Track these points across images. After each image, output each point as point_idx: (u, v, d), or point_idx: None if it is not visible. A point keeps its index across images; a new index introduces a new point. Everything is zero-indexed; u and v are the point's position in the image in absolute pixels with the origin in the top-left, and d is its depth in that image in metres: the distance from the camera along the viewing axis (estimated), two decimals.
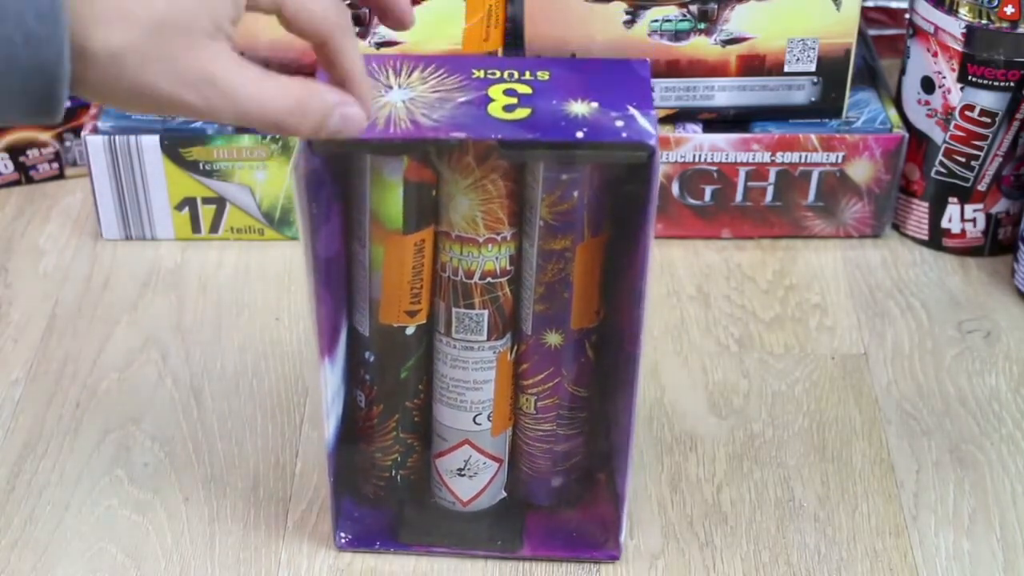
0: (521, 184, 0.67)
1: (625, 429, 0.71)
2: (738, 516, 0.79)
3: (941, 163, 0.96)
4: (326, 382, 0.70)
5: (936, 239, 0.99)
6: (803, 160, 0.96)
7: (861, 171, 0.97)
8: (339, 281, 0.70)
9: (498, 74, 0.66)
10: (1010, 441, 0.84)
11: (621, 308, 0.70)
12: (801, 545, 0.77)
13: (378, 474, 0.76)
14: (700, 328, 0.92)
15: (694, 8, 0.93)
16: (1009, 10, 0.90)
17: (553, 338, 0.71)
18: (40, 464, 0.82)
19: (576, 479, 0.77)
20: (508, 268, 0.69)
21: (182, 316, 0.93)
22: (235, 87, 0.56)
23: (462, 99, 0.65)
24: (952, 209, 0.97)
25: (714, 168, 0.97)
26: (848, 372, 0.89)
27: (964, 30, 0.91)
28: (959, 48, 0.92)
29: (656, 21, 0.93)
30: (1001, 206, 0.97)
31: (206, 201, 0.98)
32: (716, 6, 0.93)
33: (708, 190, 0.98)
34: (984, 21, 0.91)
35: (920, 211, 0.98)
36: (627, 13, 0.93)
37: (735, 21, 0.93)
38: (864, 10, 1.02)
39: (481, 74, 0.66)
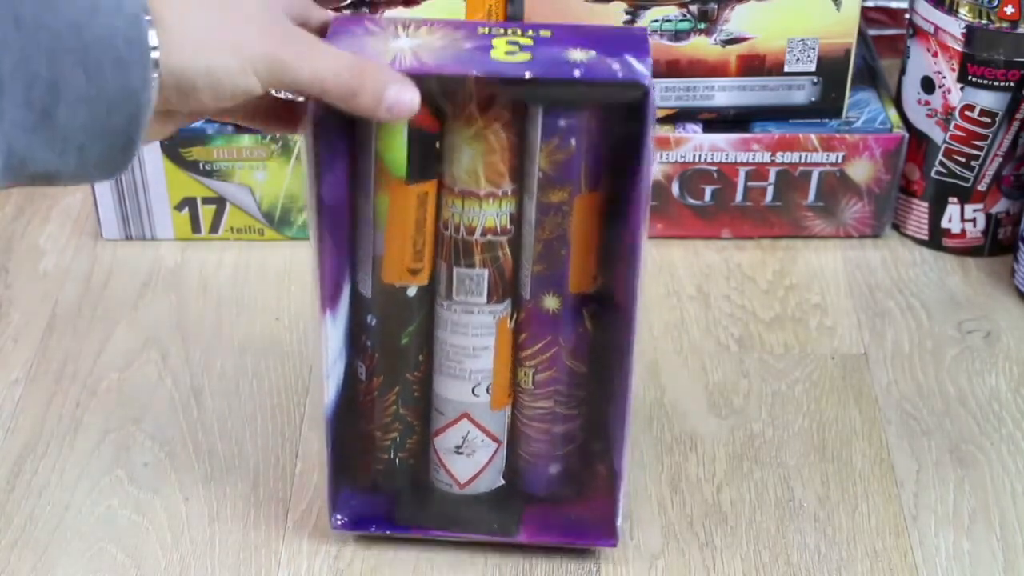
0: (522, 138, 0.67)
1: (622, 403, 0.71)
2: (738, 516, 0.79)
3: (941, 163, 0.96)
4: (327, 338, 0.70)
5: (936, 239, 0.99)
6: (803, 160, 0.96)
7: (861, 171, 0.97)
8: (343, 234, 0.70)
9: (502, 31, 0.67)
10: (1010, 441, 0.84)
11: (618, 275, 0.70)
12: (801, 545, 0.77)
13: (377, 456, 0.76)
14: (700, 328, 0.92)
15: (694, 8, 0.93)
16: (1009, 10, 0.90)
17: (551, 302, 0.70)
18: (40, 464, 0.82)
19: (574, 467, 0.76)
20: (508, 227, 0.69)
21: (182, 316, 0.93)
22: (289, 63, 0.60)
23: (467, 46, 0.66)
24: (952, 209, 0.97)
25: (714, 168, 0.97)
26: (848, 372, 0.89)
27: (964, 30, 0.91)
28: (959, 48, 0.92)
29: (656, 21, 0.93)
30: (1001, 206, 0.97)
31: (206, 201, 0.98)
32: (716, 6, 0.93)
33: (708, 190, 0.98)
34: (984, 21, 0.91)
35: (920, 211, 0.98)
36: (627, 13, 0.93)
37: (735, 21, 0.93)
38: (864, 10, 1.02)
39: (486, 30, 0.67)
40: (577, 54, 0.65)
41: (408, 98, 0.63)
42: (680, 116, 0.97)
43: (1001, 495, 0.80)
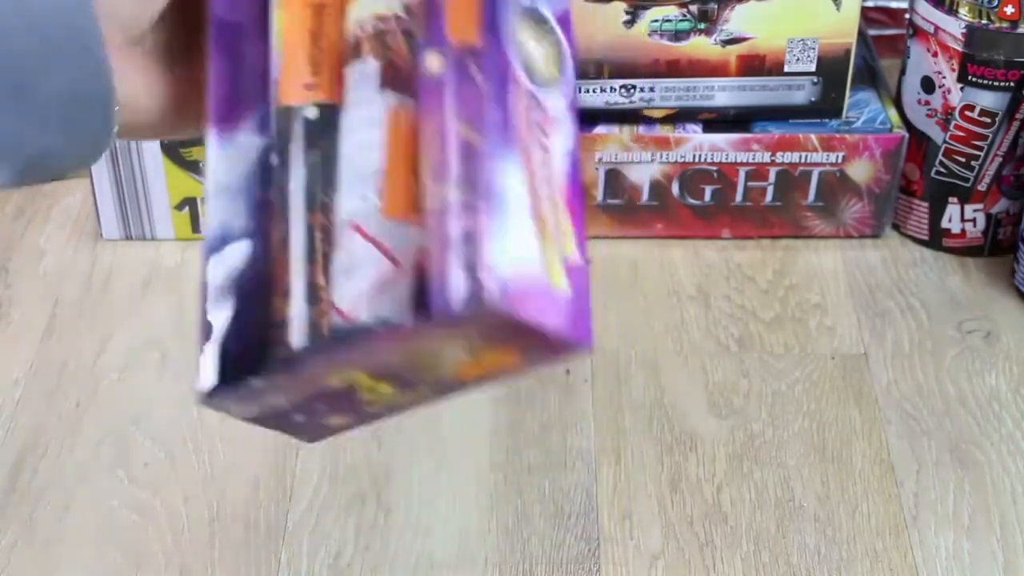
0: None
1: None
2: (738, 516, 0.79)
3: (941, 163, 0.96)
4: (212, 163, 0.63)
5: (936, 239, 0.99)
6: (803, 160, 0.96)
7: (861, 171, 0.97)
8: (244, 57, 0.64)
9: None
10: (1010, 441, 0.84)
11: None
12: (801, 545, 0.77)
13: (273, 318, 0.64)
14: (700, 328, 0.92)
15: (694, 8, 0.93)
16: (1009, 10, 0.90)
17: (433, 61, 0.60)
18: (40, 464, 0.82)
19: None
20: (402, 15, 0.61)
21: (182, 316, 0.93)
22: None
23: None
24: (952, 209, 0.97)
25: (714, 168, 0.97)
26: (848, 372, 0.89)
27: (964, 30, 0.91)
28: (959, 48, 0.92)
29: (656, 21, 0.93)
30: (1001, 206, 0.97)
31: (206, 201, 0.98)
32: (716, 6, 0.93)
33: (708, 190, 0.98)
34: (984, 21, 0.91)
35: (920, 211, 0.98)
36: (627, 13, 0.93)
37: (735, 21, 0.93)
38: (864, 10, 1.02)
39: None
40: None
41: None
42: (680, 116, 0.97)
43: (1001, 495, 0.80)
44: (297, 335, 0.63)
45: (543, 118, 0.62)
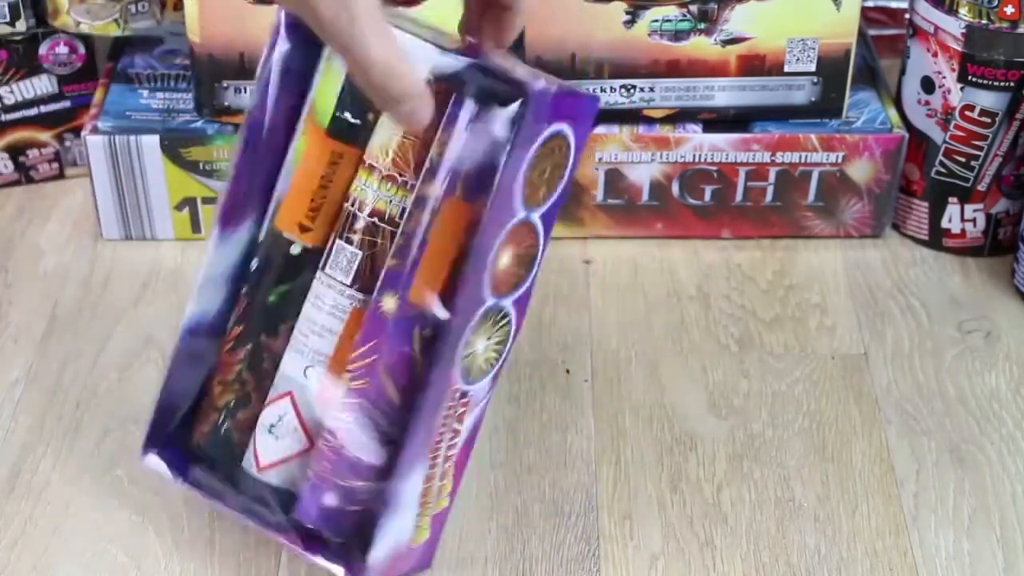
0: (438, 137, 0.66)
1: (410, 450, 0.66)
2: (738, 516, 0.79)
3: (941, 163, 0.96)
4: (208, 259, 0.69)
5: (936, 239, 0.99)
6: (803, 160, 0.96)
7: (861, 171, 0.97)
8: (263, 162, 0.69)
9: None
10: (1010, 441, 0.84)
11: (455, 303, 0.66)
12: (801, 545, 0.77)
13: (209, 414, 0.73)
14: (700, 328, 0.92)
15: (694, 8, 0.93)
16: (1009, 10, 0.90)
17: (389, 302, 0.67)
18: (40, 464, 0.82)
19: (350, 512, 0.70)
20: (397, 220, 0.67)
21: (182, 316, 0.92)
22: (359, 16, 0.59)
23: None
24: (952, 209, 0.97)
25: (714, 168, 0.97)
26: (848, 372, 0.89)
27: (964, 30, 0.91)
28: (959, 48, 0.92)
29: (656, 21, 0.93)
30: (1001, 206, 0.97)
31: (206, 201, 0.98)
32: (716, 6, 0.93)
33: (708, 190, 0.98)
34: (984, 21, 0.91)
35: (920, 211, 0.98)
36: (627, 13, 0.93)
37: (735, 21, 0.93)
38: (864, 10, 1.02)
39: None
40: (520, 70, 0.65)
41: (422, 116, 0.63)
42: (680, 116, 0.96)
43: (1001, 495, 0.80)
44: (212, 439, 0.73)
45: (464, 406, 0.69)
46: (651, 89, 0.95)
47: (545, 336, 0.91)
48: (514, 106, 0.64)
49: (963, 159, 0.95)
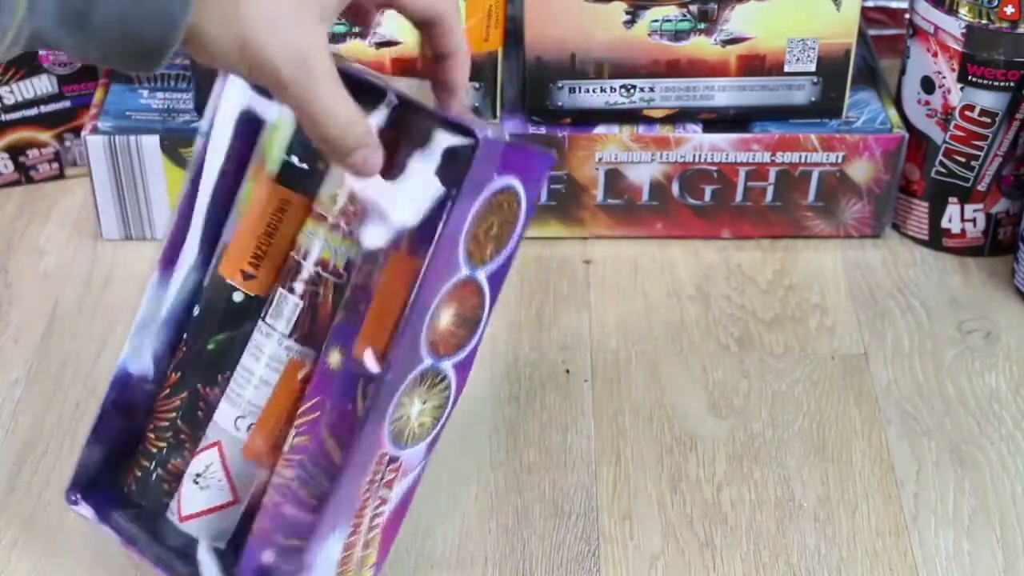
0: None
1: (330, 511, 0.64)
2: (738, 516, 0.79)
3: (941, 163, 0.96)
4: (145, 299, 0.68)
5: (936, 239, 0.99)
6: (803, 160, 0.96)
7: (861, 171, 0.97)
8: (210, 208, 0.69)
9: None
10: (1010, 441, 0.84)
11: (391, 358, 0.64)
12: (801, 545, 0.77)
13: (140, 461, 0.72)
14: (700, 328, 0.92)
15: (694, 8, 0.93)
16: (1009, 10, 0.90)
17: (334, 357, 0.65)
18: (40, 464, 0.82)
19: (285, 569, 0.67)
20: (341, 271, 0.65)
21: None
22: (318, 76, 0.59)
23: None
24: (952, 209, 0.97)
25: (714, 168, 0.97)
26: (848, 372, 0.89)
27: (964, 30, 0.91)
28: (959, 48, 0.92)
29: (656, 21, 0.93)
30: (1001, 206, 0.97)
31: None
32: (716, 6, 0.93)
33: (708, 190, 0.98)
34: (984, 21, 0.91)
35: (920, 211, 0.98)
36: (627, 13, 0.93)
37: (735, 21, 0.93)
38: (864, 10, 1.02)
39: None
40: (470, 119, 0.63)
41: (373, 165, 0.63)
42: (680, 116, 0.96)
43: (1001, 495, 0.80)
44: (142, 487, 0.72)
45: (394, 472, 0.67)
46: (651, 89, 0.95)
47: (545, 336, 0.91)
48: (462, 155, 0.61)
49: (963, 159, 0.95)
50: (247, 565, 0.67)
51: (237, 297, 0.69)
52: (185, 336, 0.70)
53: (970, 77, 0.92)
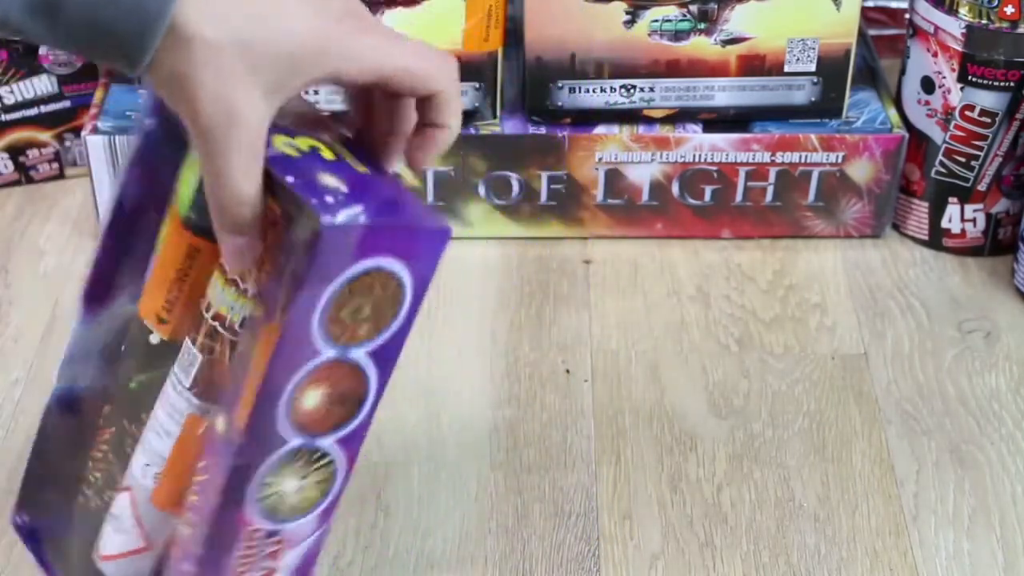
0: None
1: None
2: (738, 516, 0.79)
3: (941, 163, 0.96)
4: (72, 335, 0.67)
5: (936, 239, 0.99)
6: (803, 160, 0.96)
7: (861, 171, 0.97)
8: (130, 243, 0.66)
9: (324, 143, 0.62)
10: (1010, 441, 0.84)
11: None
12: (801, 545, 0.77)
13: (80, 486, 0.71)
14: (700, 328, 0.92)
15: (694, 8, 0.93)
16: (1009, 10, 0.90)
17: (220, 423, 0.63)
18: None
19: None
20: (236, 329, 0.63)
21: None
22: (233, 143, 0.56)
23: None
24: (952, 209, 0.97)
25: (714, 168, 0.97)
26: (848, 372, 0.89)
27: (964, 30, 0.91)
28: (959, 48, 0.92)
29: (656, 21, 0.93)
30: (1001, 206, 0.97)
31: None
32: (716, 6, 0.93)
33: (708, 190, 0.98)
34: (984, 21, 0.91)
35: (920, 211, 0.98)
36: (627, 13, 0.93)
37: (735, 21, 0.93)
38: (864, 10, 1.02)
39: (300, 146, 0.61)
40: (329, 179, 0.59)
41: (244, 260, 0.60)
42: (680, 116, 0.96)
43: (1001, 495, 0.80)
44: (83, 513, 0.71)
45: (277, 545, 0.65)
46: (651, 89, 0.95)
47: (545, 336, 0.91)
48: (309, 242, 0.57)
49: (963, 159, 0.95)
50: None
51: (154, 339, 0.67)
52: (113, 370, 0.69)
53: (970, 77, 0.92)
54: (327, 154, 0.60)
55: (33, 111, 1.02)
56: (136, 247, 0.66)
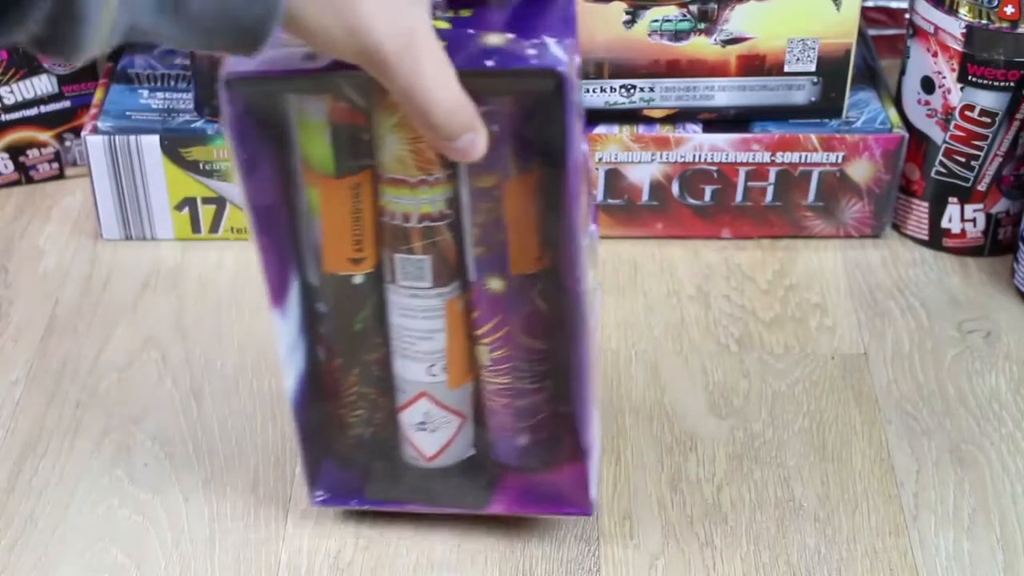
0: None
1: (581, 379, 0.71)
2: (738, 516, 0.79)
3: (941, 163, 0.96)
4: (279, 333, 0.70)
5: (936, 239, 0.99)
6: (803, 160, 0.96)
7: (861, 171, 0.97)
8: (282, 230, 0.70)
9: None
10: (1010, 441, 0.84)
11: (561, 257, 0.69)
12: (801, 545, 0.77)
13: (349, 432, 0.76)
14: (700, 328, 0.92)
15: (694, 8, 0.93)
16: (1009, 10, 0.90)
17: (496, 283, 0.70)
18: (40, 464, 0.82)
19: (544, 438, 0.76)
20: (446, 211, 0.68)
21: (182, 316, 0.93)
22: (424, 59, 0.59)
23: None
24: (952, 209, 0.97)
25: (714, 168, 0.97)
26: (848, 372, 0.89)
27: (964, 30, 0.91)
28: (959, 48, 0.92)
29: (656, 21, 0.93)
30: (1001, 206, 0.97)
31: (206, 201, 0.98)
32: (716, 6, 0.93)
33: (708, 190, 0.98)
34: (984, 21, 0.91)
35: (920, 211, 0.99)
36: (627, 13, 0.93)
37: (735, 21, 0.93)
38: (864, 10, 1.02)
39: None
40: (493, 38, 0.64)
41: (480, 145, 0.63)
42: (680, 116, 0.97)
43: (1001, 495, 0.80)
44: (357, 447, 0.77)
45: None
46: (651, 89, 0.95)
47: None
48: (549, 84, 0.63)
49: (963, 159, 0.95)
50: (507, 451, 0.76)
51: (357, 280, 0.71)
52: (323, 330, 0.73)
53: (970, 77, 0.92)
54: (441, 24, 0.65)
55: (33, 111, 1.02)
56: (281, 233, 0.70)
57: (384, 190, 0.68)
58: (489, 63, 0.63)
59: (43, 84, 1.02)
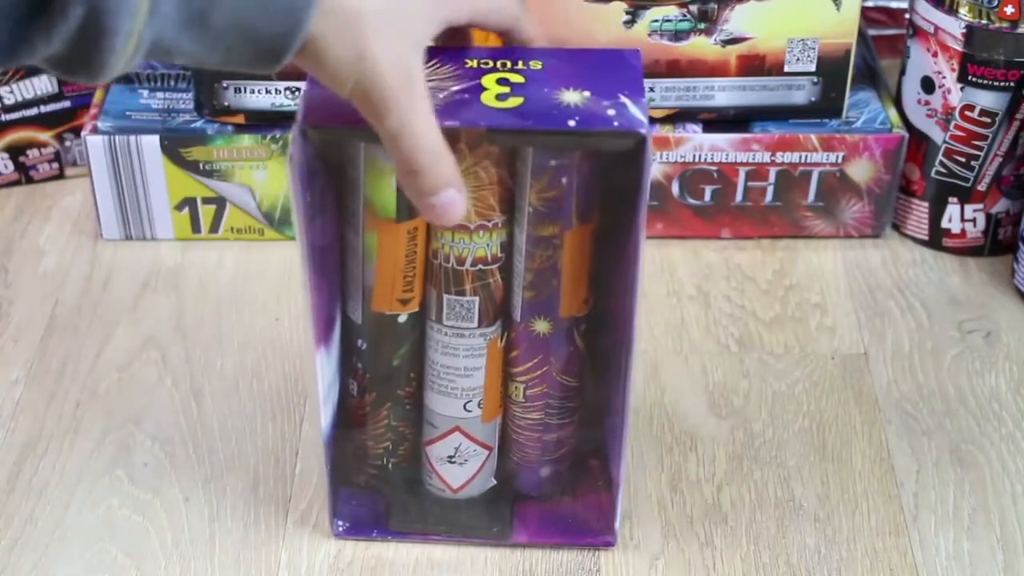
0: (512, 171, 0.68)
1: (620, 417, 0.72)
2: (738, 516, 0.79)
3: (941, 163, 0.96)
4: (321, 372, 0.71)
5: (936, 239, 0.99)
6: (803, 160, 0.96)
7: (861, 171, 0.97)
8: (333, 270, 0.71)
9: (491, 64, 0.67)
10: (1010, 441, 0.84)
11: (613, 298, 0.71)
12: (801, 545, 0.77)
13: (371, 462, 0.77)
14: (700, 328, 0.92)
15: (694, 8, 0.93)
16: (1009, 10, 0.90)
17: (542, 326, 0.71)
18: (40, 464, 0.82)
19: (567, 468, 0.77)
20: (499, 255, 0.69)
21: (182, 316, 0.93)
22: (419, 99, 0.60)
23: (455, 88, 0.65)
24: (952, 209, 0.97)
25: (714, 168, 0.97)
26: (848, 372, 0.89)
27: (964, 30, 0.91)
28: (959, 48, 0.92)
29: (656, 21, 0.93)
30: (1001, 206, 0.97)
31: (206, 201, 0.98)
32: (716, 6, 0.93)
33: (708, 190, 0.98)
34: (984, 21, 0.91)
35: (920, 211, 0.99)
36: (627, 13, 0.93)
37: (735, 21, 0.93)
38: (864, 10, 1.02)
39: (474, 64, 0.67)
40: (571, 96, 0.65)
41: (459, 209, 0.63)
42: (680, 116, 0.96)
43: (1001, 495, 0.80)
44: (380, 477, 0.78)
45: None
46: (651, 89, 0.95)
47: None
48: (631, 143, 0.64)
49: (963, 159, 0.95)
50: (529, 481, 0.77)
51: (401, 319, 0.72)
52: (360, 366, 0.74)
53: (970, 77, 0.92)
54: (515, 78, 0.67)
55: (33, 111, 1.02)
56: (334, 274, 0.71)
57: (440, 234, 0.69)
58: (571, 122, 0.64)
59: (43, 84, 1.02)
